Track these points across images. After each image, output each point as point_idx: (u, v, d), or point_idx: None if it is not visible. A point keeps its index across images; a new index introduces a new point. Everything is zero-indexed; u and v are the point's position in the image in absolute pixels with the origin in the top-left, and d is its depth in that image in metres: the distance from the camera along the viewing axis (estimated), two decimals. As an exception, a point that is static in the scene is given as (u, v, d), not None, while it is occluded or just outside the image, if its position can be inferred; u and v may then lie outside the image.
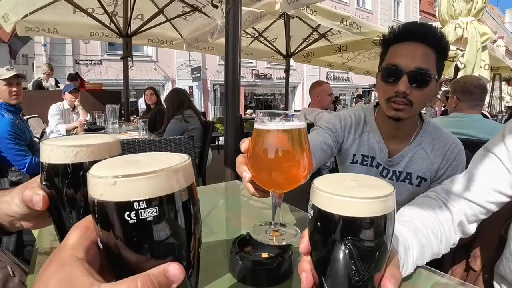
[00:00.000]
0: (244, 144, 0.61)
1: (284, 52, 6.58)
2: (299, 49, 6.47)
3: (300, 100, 18.69)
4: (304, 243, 0.45)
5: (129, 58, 4.80)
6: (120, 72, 5.05)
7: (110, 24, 4.65)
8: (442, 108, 6.57)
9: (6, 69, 2.82)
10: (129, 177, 0.30)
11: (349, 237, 0.39)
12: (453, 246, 0.81)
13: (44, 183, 0.46)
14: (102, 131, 3.56)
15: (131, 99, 12.27)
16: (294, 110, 11.09)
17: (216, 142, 8.36)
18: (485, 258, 1.07)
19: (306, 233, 0.46)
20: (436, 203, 0.83)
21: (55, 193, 0.45)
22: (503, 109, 12.28)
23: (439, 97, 8.22)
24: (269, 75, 17.78)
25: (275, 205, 0.63)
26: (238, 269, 0.63)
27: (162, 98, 5.28)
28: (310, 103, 3.66)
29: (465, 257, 1.10)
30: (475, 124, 2.02)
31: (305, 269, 0.45)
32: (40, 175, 0.47)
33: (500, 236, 1.06)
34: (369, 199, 0.39)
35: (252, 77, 17.34)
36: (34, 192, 0.46)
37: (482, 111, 4.90)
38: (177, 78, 14.76)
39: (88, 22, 4.79)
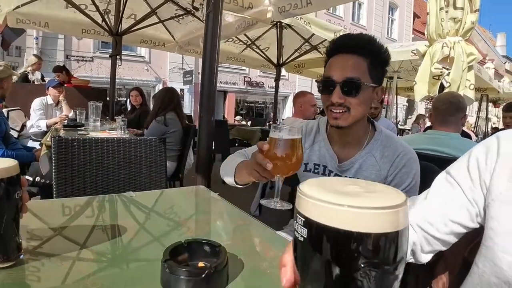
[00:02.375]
0: (266, 146, 0.91)
1: (275, 61, 6.59)
2: (290, 59, 6.49)
3: (291, 109, 18.70)
4: (288, 274, 0.37)
5: (118, 57, 4.74)
6: (111, 71, 5.00)
7: (102, 22, 4.60)
8: (428, 124, 6.63)
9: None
10: None
11: (363, 260, 0.30)
12: None
13: None
14: (82, 128, 3.49)
15: (121, 99, 12.16)
16: (283, 119, 11.11)
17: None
18: (449, 280, 1.04)
19: (287, 260, 0.38)
20: None
21: None
22: (489, 130, 12.47)
23: (425, 113, 8.29)
24: (261, 83, 17.80)
25: (278, 185, 0.95)
26: (165, 278, 0.59)
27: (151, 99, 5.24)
28: (293, 113, 3.65)
29: (429, 278, 1.06)
30: (451, 143, 1.99)
31: None
32: None
33: (464, 258, 1.02)
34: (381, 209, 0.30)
35: (244, 84, 17.33)
36: None
37: (467, 130, 4.94)
38: (169, 80, 14.65)
39: (80, 19, 4.73)
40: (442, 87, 4.08)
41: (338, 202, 0.30)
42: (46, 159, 2.53)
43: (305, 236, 0.32)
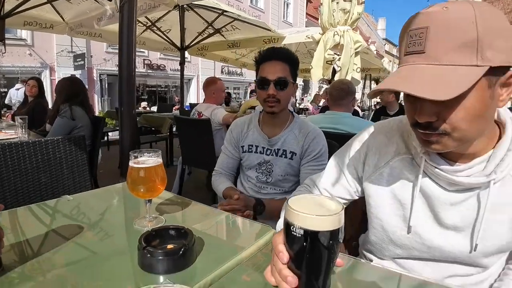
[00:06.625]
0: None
1: (178, 45, 6.49)
2: (193, 42, 6.47)
3: (195, 92, 18.52)
4: (285, 255, 0.60)
5: (0, 43, 4.17)
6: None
7: (-20, 5, 3.97)
8: (322, 102, 7.33)
9: None
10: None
11: (330, 243, 0.55)
12: None
13: None
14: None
15: (1, 89, 10.56)
16: (190, 104, 11.02)
17: (106, 138, 7.80)
18: (352, 229, 1.34)
19: (281, 248, 0.60)
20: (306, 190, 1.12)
21: None
22: (372, 105, 14.23)
23: (320, 93, 9.14)
24: (162, 66, 17.12)
25: (147, 203, 0.99)
26: (147, 263, 0.70)
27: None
28: (204, 99, 3.74)
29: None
30: (344, 121, 2.41)
31: (289, 273, 0.59)
32: None
33: (363, 212, 1.33)
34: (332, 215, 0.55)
35: (144, 68, 16.44)
36: None
37: (355, 107, 5.65)
38: (57, 65, 13.06)
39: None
40: (334, 71, 4.60)
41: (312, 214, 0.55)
42: None
43: (302, 234, 0.55)
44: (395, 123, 0.97)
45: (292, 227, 0.55)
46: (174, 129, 5.45)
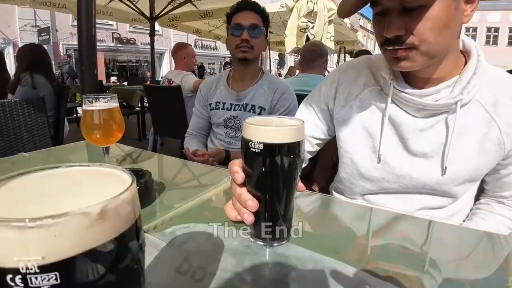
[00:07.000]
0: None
1: (148, 14, 6.22)
2: (164, 12, 6.21)
3: (168, 67, 18.01)
4: (240, 174, 0.56)
5: None
6: None
7: None
8: (297, 74, 7.33)
9: None
10: None
11: (291, 157, 0.52)
12: None
13: None
14: None
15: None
16: (162, 77, 10.73)
17: (75, 115, 7.52)
18: (323, 179, 1.36)
19: (237, 168, 0.57)
20: None
21: None
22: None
23: (294, 65, 9.11)
24: (132, 39, 16.48)
25: (105, 154, 0.92)
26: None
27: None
28: (176, 65, 3.62)
29: (308, 183, 1.35)
30: (316, 83, 2.33)
31: (249, 197, 0.56)
32: None
33: (333, 161, 1.34)
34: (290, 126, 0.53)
35: (113, 42, 15.82)
36: None
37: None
38: (20, 40, 12.31)
39: None
40: (308, 39, 4.56)
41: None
42: None
43: (261, 148, 0.52)
44: (363, 59, 0.99)
45: (250, 143, 0.52)
46: (146, 104, 5.30)
